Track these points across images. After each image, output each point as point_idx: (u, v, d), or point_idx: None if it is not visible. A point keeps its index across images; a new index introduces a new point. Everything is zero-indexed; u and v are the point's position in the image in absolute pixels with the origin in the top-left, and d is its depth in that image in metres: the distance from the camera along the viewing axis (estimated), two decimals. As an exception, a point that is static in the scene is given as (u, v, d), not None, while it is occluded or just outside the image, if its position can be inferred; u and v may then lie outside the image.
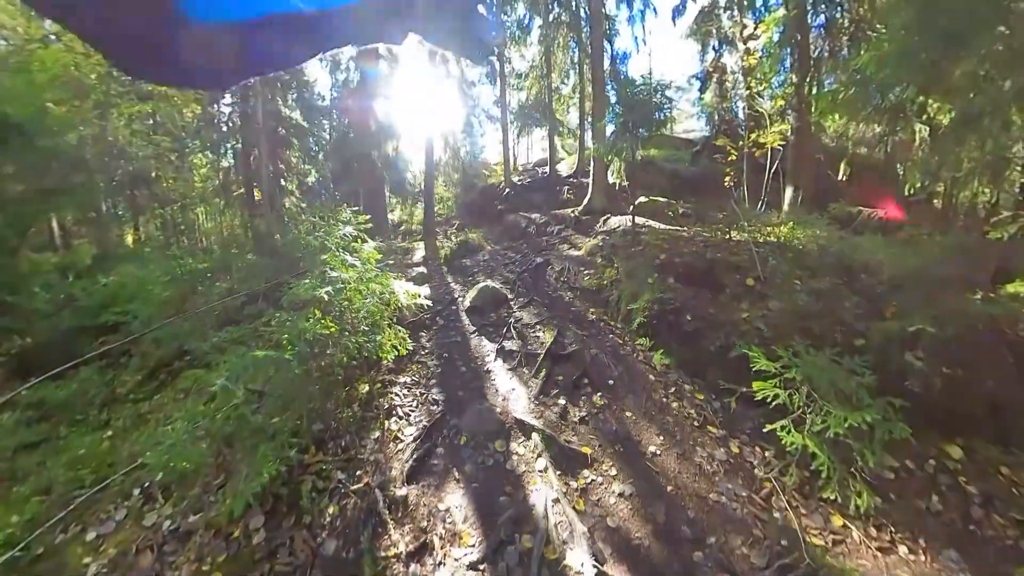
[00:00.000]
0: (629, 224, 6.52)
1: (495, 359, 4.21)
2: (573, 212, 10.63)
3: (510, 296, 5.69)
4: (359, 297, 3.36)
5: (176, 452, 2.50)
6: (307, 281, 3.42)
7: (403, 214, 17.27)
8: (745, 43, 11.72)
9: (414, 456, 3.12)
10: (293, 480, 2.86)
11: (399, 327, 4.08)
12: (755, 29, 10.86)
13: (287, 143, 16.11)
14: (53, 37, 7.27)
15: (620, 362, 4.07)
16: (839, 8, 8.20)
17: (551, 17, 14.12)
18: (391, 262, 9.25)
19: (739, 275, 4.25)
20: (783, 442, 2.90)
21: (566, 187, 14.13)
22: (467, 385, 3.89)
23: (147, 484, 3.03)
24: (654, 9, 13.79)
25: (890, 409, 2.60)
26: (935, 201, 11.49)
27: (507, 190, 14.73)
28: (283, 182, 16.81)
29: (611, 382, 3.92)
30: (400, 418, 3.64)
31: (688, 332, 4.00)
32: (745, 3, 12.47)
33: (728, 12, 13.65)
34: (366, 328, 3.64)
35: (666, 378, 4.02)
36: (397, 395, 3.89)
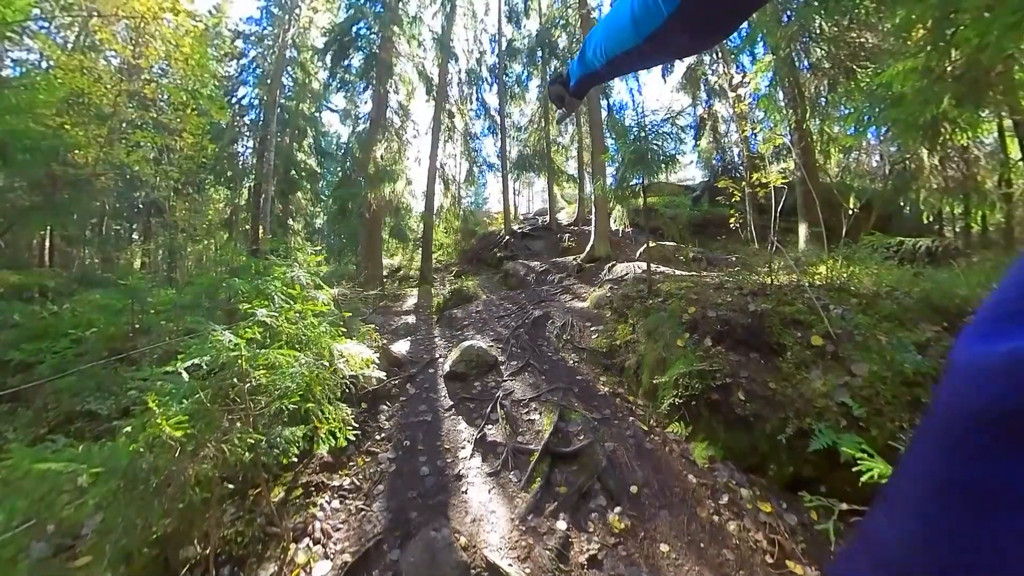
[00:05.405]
0: (640, 271, 5.40)
1: (471, 454, 2.86)
2: (575, 260, 9.60)
3: (501, 358, 4.40)
4: (259, 367, 2.14)
5: None
6: (193, 345, 2.23)
7: (403, 259, 16.45)
8: (734, 91, 11.51)
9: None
10: None
11: (344, 405, 2.82)
12: (743, 78, 10.67)
13: (298, 186, 15.86)
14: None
15: (646, 459, 2.72)
16: (822, 51, 7.82)
17: (547, 74, 14.16)
18: (368, 311, 8.10)
19: (800, 332, 3.00)
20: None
21: (567, 235, 13.31)
22: (425, 499, 2.52)
23: None
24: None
25: None
26: (953, 227, 10.46)
27: (507, 237, 13.93)
28: (290, 221, 16.34)
29: (634, 488, 2.57)
30: (315, 542, 2.28)
31: (740, 415, 2.68)
32: (730, 59, 12.53)
33: (712, 68, 13.73)
34: (286, 406, 2.37)
35: (713, 480, 2.66)
36: (323, 507, 2.54)
